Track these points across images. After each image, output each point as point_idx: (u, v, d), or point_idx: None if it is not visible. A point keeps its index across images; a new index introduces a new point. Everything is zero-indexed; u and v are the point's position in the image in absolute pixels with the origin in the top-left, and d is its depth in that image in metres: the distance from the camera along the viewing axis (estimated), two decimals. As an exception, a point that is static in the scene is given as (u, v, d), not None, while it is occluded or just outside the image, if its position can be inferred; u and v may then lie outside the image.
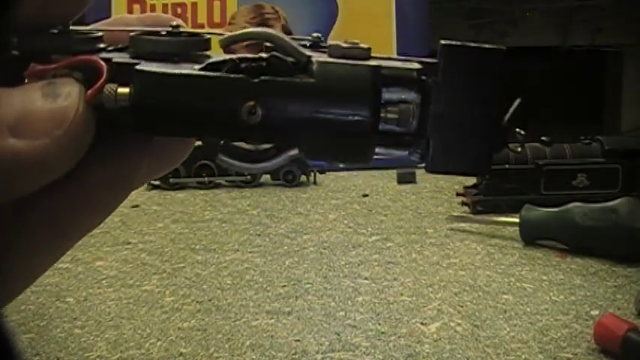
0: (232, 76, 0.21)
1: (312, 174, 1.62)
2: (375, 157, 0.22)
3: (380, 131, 0.21)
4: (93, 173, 0.21)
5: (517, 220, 1.11)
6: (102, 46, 0.22)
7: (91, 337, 0.80)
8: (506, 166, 1.30)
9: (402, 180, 1.62)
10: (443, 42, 0.22)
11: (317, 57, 0.21)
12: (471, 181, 1.42)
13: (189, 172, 1.58)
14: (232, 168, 0.23)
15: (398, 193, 1.52)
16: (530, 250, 1.08)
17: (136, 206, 1.44)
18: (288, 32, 1.73)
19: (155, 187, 1.59)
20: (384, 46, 1.67)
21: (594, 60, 2.35)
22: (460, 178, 1.62)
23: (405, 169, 1.64)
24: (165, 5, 1.82)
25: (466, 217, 1.27)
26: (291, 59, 0.21)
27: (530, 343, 0.75)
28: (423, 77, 0.21)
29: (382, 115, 0.21)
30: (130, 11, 1.81)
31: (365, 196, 1.50)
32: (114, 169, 0.21)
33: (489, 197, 1.30)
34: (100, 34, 0.22)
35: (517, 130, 0.23)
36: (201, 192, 1.57)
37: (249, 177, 1.60)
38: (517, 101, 0.23)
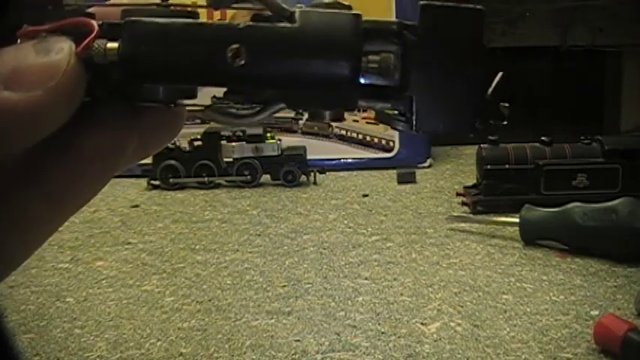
0: (217, 22, 0.21)
1: (312, 174, 1.62)
2: (359, 107, 0.23)
3: (362, 84, 0.22)
4: (85, 143, 0.21)
5: (517, 220, 1.11)
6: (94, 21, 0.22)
7: (91, 337, 0.80)
8: (506, 166, 1.30)
9: (402, 180, 1.62)
10: (422, 2, 0.22)
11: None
12: (471, 181, 1.42)
13: (189, 172, 1.58)
14: (219, 122, 0.23)
15: (398, 193, 1.52)
16: (530, 250, 1.08)
17: (136, 206, 1.44)
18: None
19: (155, 187, 1.59)
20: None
21: (594, 60, 2.35)
22: (460, 178, 1.63)
23: (405, 169, 1.64)
24: (165, 5, 1.82)
25: (466, 217, 1.27)
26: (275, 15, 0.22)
27: (530, 343, 0.75)
28: (404, 32, 0.22)
29: (363, 64, 0.21)
30: (130, 11, 1.81)
31: (365, 196, 1.50)
32: (105, 139, 0.22)
33: (489, 197, 1.30)
34: (92, 10, 0.22)
35: (502, 104, 0.24)
36: (201, 192, 1.57)
37: (249, 177, 1.60)
38: (499, 74, 0.24)
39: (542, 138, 1.33)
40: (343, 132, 1.82)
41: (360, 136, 1.80)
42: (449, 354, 0.73)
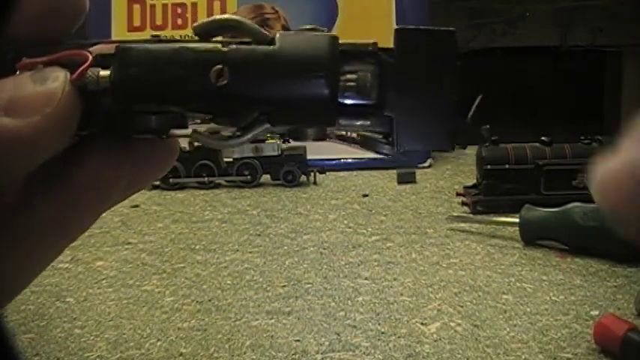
0: (202, 45, 0.23)
1: (312, 174, 1.62)
2: (340, 127, 0.24)
3: (341, 103, 0.23)
4: (77, 174, 0.22)
5: (517, 220, 1.11)
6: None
7: (91, 337, 0.80)
8: (506, 166, 1.30)
9: (402, 180, 1.62)
10: (397, 27, 0.24)
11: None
12: (471, 181, 1.42)
13: (189, 172, 1.58)
14: (205, 143, 0.25)
15: (398, 193, 1.52)
16: (530, 250, 1.08)
17: (136, 206, 1.44)
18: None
19: (155, 187, 1.59)
20: (383, 46, 1.67)
21: (594, 60, 2.35)
22: (460, 178, 1.63)
23: (405, 169, 1.64)
24: (165, 5, 1.81)
25: (466, 217, 1.27)
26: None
27: (530, 343, 0.75)
28: (379, 52, 0.23)
29: (342, 83, 0.23)
30: (130, 12, 1.81)
31: (365, 196, 1.50)
32: (97, 171, 0.23)
33: (489, 197, 1.30)
34: (90, 48, 0.24)
35: (483, 127, 0.25)
36: (201, 192, 1.57)
37: (249, 177, 1.60)
38: (479, 98, 0.25)
39: (542, 138, 1.33)
40: (343, 132, 1.82)
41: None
42: (449, 354, 0.73)
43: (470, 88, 0.25)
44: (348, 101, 0.23)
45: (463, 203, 1.35)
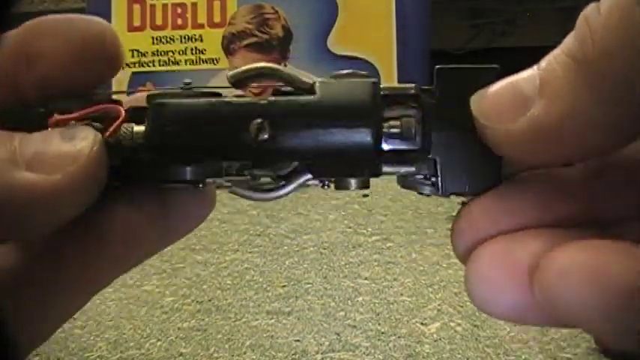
0: (240, 100, 0.22)
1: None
2: (384, 173, 0.23)
3: (385, 150, 0.22)
4: (107, 224, 0.22)
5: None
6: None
7: (91, 337, 0.80)
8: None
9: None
10: (437, 67, 0.22)
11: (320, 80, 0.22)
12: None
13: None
14: (245, 198, 0.24)
15: (398, 193, 1.52)
16: (530, 250, 1.08)
17: (136, 206, 1.44)
18: (288, 32, 1.72)
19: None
20: (384, 46, 1.67)
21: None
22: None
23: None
24: (165, 5, 1.81)
25: (466, 217, 1.27)
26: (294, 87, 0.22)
27: (530, 343, 0.75)
28: (421, 95, 0.22)
29: (385, 129, 0.22)
30: (130, 11, 1.81)
31: (365, 196, 1.50)
32: (128, 221, 0.22)
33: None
34: (119, 97, 0.23)
35: None
36: (201, 192, 1.57)
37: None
38: None
39: (542, 138, 1.33)
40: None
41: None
42: (449, 354, 0.73)
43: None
44: (392, 147, 0.22)
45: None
